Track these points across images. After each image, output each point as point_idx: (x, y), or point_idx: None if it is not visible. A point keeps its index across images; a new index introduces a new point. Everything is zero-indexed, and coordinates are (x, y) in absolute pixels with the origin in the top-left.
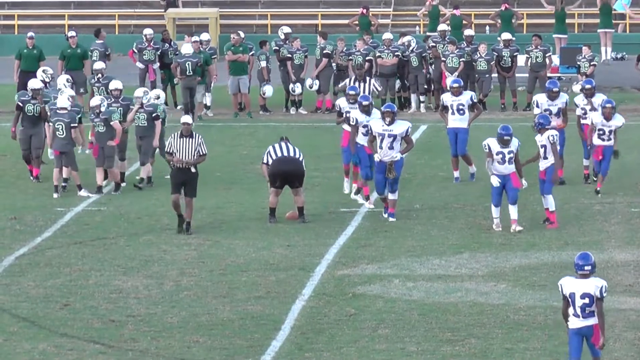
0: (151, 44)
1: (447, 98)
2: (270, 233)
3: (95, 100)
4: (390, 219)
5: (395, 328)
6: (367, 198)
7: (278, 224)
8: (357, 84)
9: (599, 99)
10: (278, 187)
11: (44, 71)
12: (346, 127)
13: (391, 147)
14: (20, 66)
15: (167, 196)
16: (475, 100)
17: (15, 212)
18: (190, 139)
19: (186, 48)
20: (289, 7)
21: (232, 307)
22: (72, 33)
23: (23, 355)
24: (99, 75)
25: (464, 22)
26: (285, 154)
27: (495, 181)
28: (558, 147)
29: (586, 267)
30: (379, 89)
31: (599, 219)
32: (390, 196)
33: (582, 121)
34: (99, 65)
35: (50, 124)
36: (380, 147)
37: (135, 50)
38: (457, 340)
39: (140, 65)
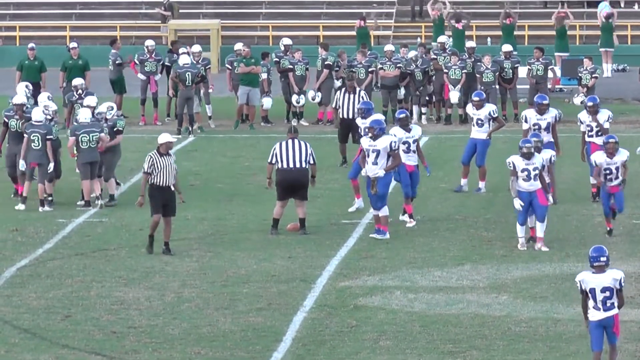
0: (153, 55)
1: (469, 110)
2: (272, 244)
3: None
4: (379, 236)
5: (396, 340)
6: (410, 216)
7: (279, 236)
8: (346, 95)
9: (604, 115)
10: (283, 199)
11: (26, 86)
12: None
13: (375, 163)
14: (22, 77)
15: None
16: (496, 115)
17: (17, 224)
18: (168, 157)
19: (184, 58)
20: (291, 19)
21: (234, 318)
22: (73, 44)
23: None
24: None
25: (463, 20)
26: (292, 164)
27: (517, 204)
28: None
29: (602, 259)
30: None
31: (601, 230)
32: (376, 212)
33: (588, 139)
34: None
35: (26, 135)
36: (367, 163)
37: (137, 62)
38: (459, 351)
39: (141, 76)
